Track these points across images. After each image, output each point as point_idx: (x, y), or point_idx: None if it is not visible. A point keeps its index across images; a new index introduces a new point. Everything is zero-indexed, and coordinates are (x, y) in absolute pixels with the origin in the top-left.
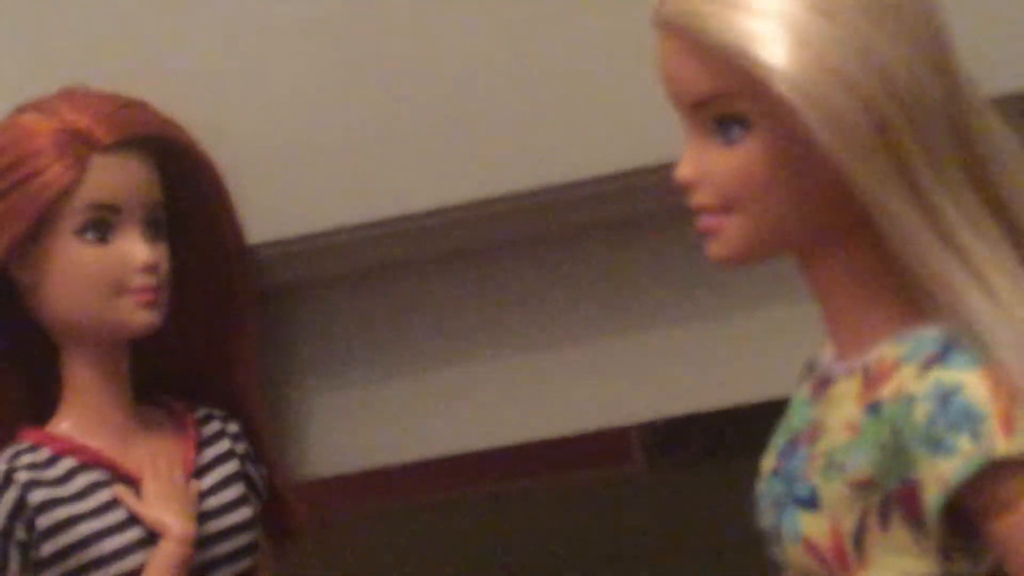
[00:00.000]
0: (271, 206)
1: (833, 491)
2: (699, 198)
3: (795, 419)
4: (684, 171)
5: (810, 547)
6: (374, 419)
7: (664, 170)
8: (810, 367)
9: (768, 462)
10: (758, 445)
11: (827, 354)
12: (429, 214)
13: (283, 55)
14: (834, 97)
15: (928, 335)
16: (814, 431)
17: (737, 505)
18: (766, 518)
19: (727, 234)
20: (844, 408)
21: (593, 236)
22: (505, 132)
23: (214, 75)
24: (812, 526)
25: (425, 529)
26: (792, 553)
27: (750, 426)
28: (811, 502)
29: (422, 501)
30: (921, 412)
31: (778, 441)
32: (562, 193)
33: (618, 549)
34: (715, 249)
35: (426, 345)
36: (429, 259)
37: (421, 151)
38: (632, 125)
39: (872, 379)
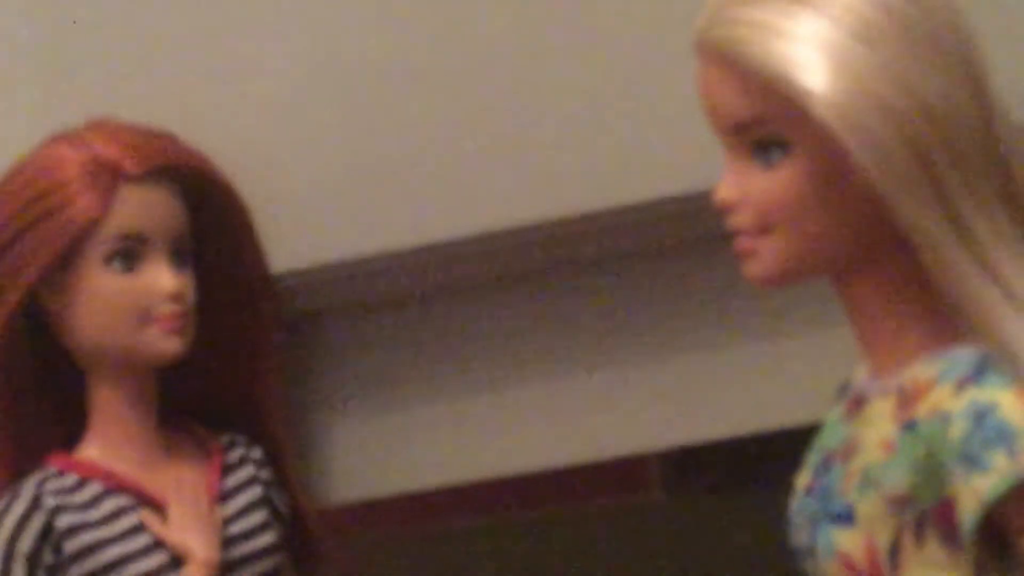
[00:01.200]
0: (295, 235)
1: (869, 507)
2: (738, 220)
3: (829, 437)
4: (724, 193)
5: (845, 563)
6: (395, 446)
7: (688, 199)
8: (844, 387)
9: (802, 480)
10: (778, 473)
11: (861, 373)
12: (450, 244)
13: (306, 88)
14: (872, 123)
15: (962, 355)
16: (849, 449)
17: (757, 534)
18: (800, 535)
19: (764, 255)
20: (880, 426)
21: (613, 264)
22: (526, 161)
23: (239, 107)
24: (847, 542)
25: (444, 556)
26: (827, 569)
27: (770, 454)
28: (847, 518)
29: (441, 528)
30: (957, 430)
31: (812, 459)
32: (583, 223)
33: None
34: (752, 270)
35: (447, 373)
36: (450, 288)
37: (442, 181)
38: (658, 153)
39: (907, 398)
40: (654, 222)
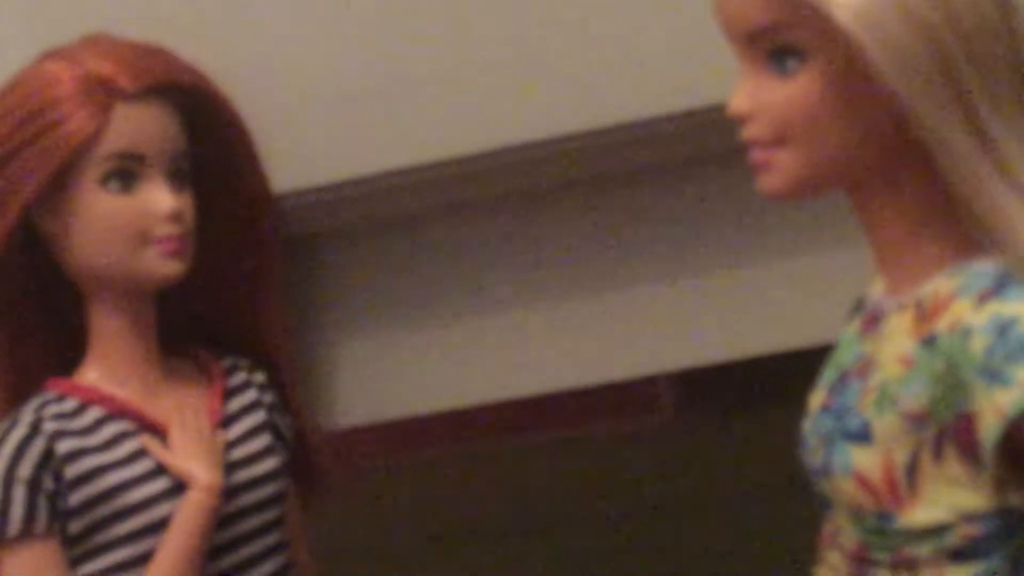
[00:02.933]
0: (295, 155)
1: (886, 424)
2: (753, 130)
3: (844, 355)
4: (738, 103)
5: (862, 480)
6: (400, 369)
7: (698, 114)
8: (858, 304)
9: (817, 398)
10: (788, 395)
11: (877, 290)
12: (453, 162)
13: (304, 5)
14: (896, 28)
15: (982, 269)
16: (866, 365)
17: (767, 455)
18: (814, 454)
19: (780, 167)
20: (897, 342)
21: (621, 183)
22: (531, 77)
23: (237, 24)
24: (864, 459)
25: (453, 480)
26: (843, 487)
27: (780, 376)
28: (863, 435)
29: (449, 452)
30: (979, 344)
31: (827, 376)
32: (590, 139)
33: (648, 499)
34: (767, 182)
35: (452, 294)
36: (454, 207)
37: (444, 99)
38: (664, 69)
39: (926, 313)
40: (662, 139)
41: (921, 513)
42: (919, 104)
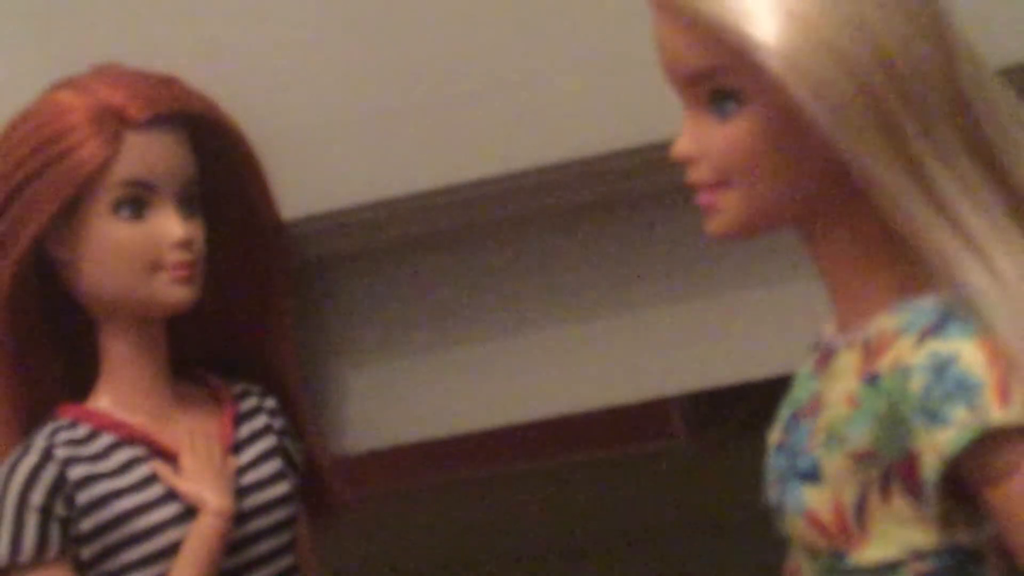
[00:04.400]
0: (305, 181)
1: (834, 463)
2: (696, 174)
3: (799, 392)
4: (681, 146)
5: (812, 520)
6: (411, 394)
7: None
8: (816, 341)
9: (773, 436)
10: None
11: (830, 328)
12: (463, 187)
13: (315, 31)
14: (825, 72)
15: (925, 305)
16: (816, 404)
17: None
18: (771, 491)
19: (724, 209)
20: (844, 381)
21: (632, 206)
22: (543, 102)
23: (247, 52)
24: (814, 499)
25: (462, 505)
26: (795, 526)
27: None
28: (813, 475)
29: (460, 477)
30: (917, 383)
31: (782, 414)
32: (597, 165)
33: (660, 522)
34: (712, 225)
35: (462, 319)
36: (463, 232)
37: (454, 125)
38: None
39: (871, 351)
40: (671, 163)
41: (871, 551)
42: (852, 146)
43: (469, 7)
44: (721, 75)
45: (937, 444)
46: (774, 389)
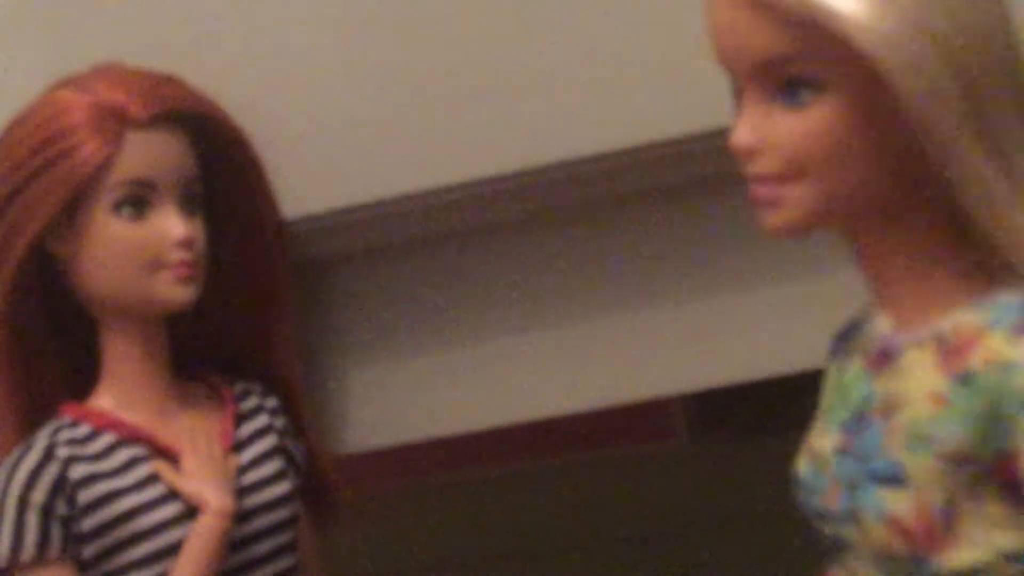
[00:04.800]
0: (306, 181)
1: (921, 465)
2: (761, 166)
3: (854, 393)
4: (744, 138)
5: (895, 525)
6: (412, 393)
7: (714, 136)
8: (844, 338)
9: (827, 439)
10: (803, 419)
11: (881, 325)
12: (464, 186)
13: (315, 30)
14: (921, 51)
15: (1009, 301)
16: (889, 404)
17: (782, 479)
18: (828, 498)
19: (791, 203)
20: (922, 379)
21: (631, 206)
22: (545, 100)
23: (247, 51)
24: (897, 503)
25: (465, 504)
26: (873, 533)
27: (794, 400)
28: (895, 479)
29: (461, 476)
30: (1022, 379)
31: (837, 417)
32: (597, 164)
33: (661, 523)
34: (774, 219)
35: (463, 318)
36: (464, 231)
37: (454, 124)
38: (679, 90)
39: (951, 347)
40: (677, 161)
41: (959, 555)
42: (945, 131)
43: (467, 8)
44: (801, 61)
45: None
46: (776, 389)
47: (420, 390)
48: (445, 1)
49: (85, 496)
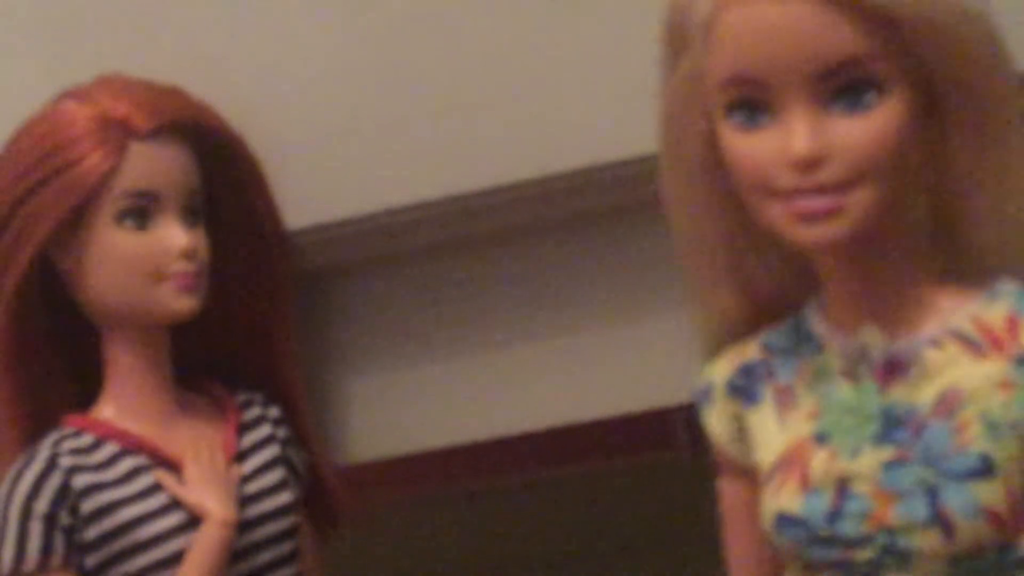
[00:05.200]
0: (307, 192)
1: (1008, 452)
2: (826, 175)
3: (868, 408)
4: (808, 146)
5: (991, 517)
6: (413, 404)
7: None
8: (771, 370)
9: (855, 462)
10: None
11: (868, 337)
12: (464, 197)
13: (316, 42)
14: (983, 41)
15: (1010, 289)
16: (946, 403)
17: None
18: (884, 514)
19: (852, 211)
20: (970, 371)
21: (631, 218)
22: (534, 115)
23: (249, 63)
24: (990, 495)
25: (467, 514)
26: (966, 531)
27: None
28: (985, 470)
29: (463, 487)
30: None
31: (856, 436)
32: (597, 175)
33: (663, 534)
34: (835, 230)
35: (465, 328)
36: (466, 242)
37: (454, 136)
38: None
39: (984, 338)
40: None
41: None
42: (1003, 123)
43: (469, 21)
44: (870, 62)
45: None
46: None
47: (421, 400)
48: (445, 16)
49: (88, 505)
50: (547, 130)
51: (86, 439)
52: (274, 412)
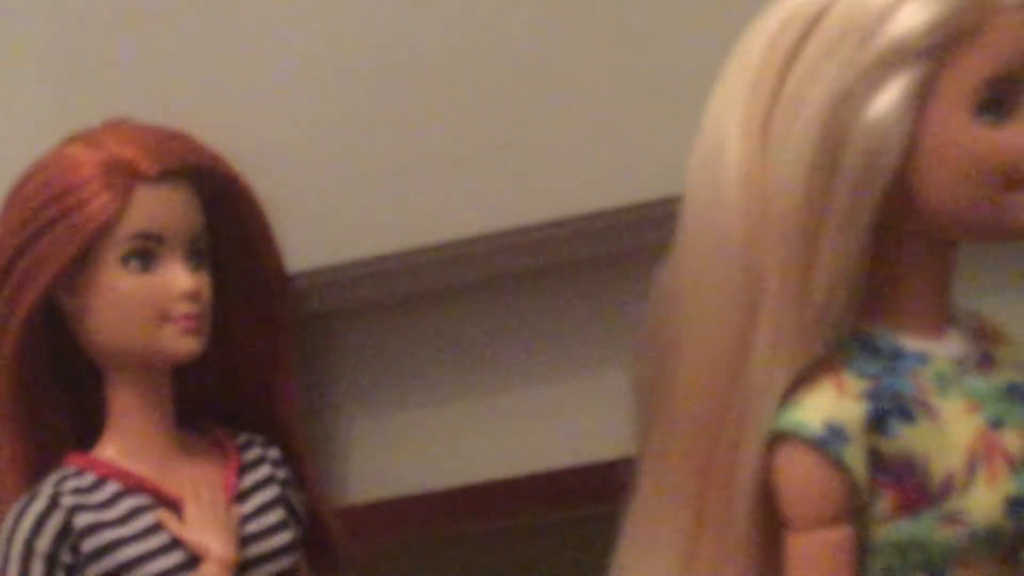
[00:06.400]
0: (310, 235)
1: None
2: None
3: (1000, 389)
4: None
5: None
6: (413, 446)
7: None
8: (897, 393)
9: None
10: None
11: (952, 346)
12: (466, 242)
13: (320, 87)
14: None
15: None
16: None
17: None
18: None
19: None
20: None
21: (632, 264)
22: (538, 161)
23: (254, 107)
24: None
25: (467, 557)
26: None
27: None
28: None
29: (461, 530)
30: None
31: (1018, 408)
32: (596, 221)
33: None
34: None
35: (465, 371)
36: (468, 286)
37: (454, 181)
38: (664, 153)
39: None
40: (661, 222)
41: None
42: None
43: (469, 68)
44: None
45: None
46: None
47: (421, 442)
48: (446, 63)
49: (89, 544)
50: (542, 177)
51: (88, 478)
52: (274, 453)
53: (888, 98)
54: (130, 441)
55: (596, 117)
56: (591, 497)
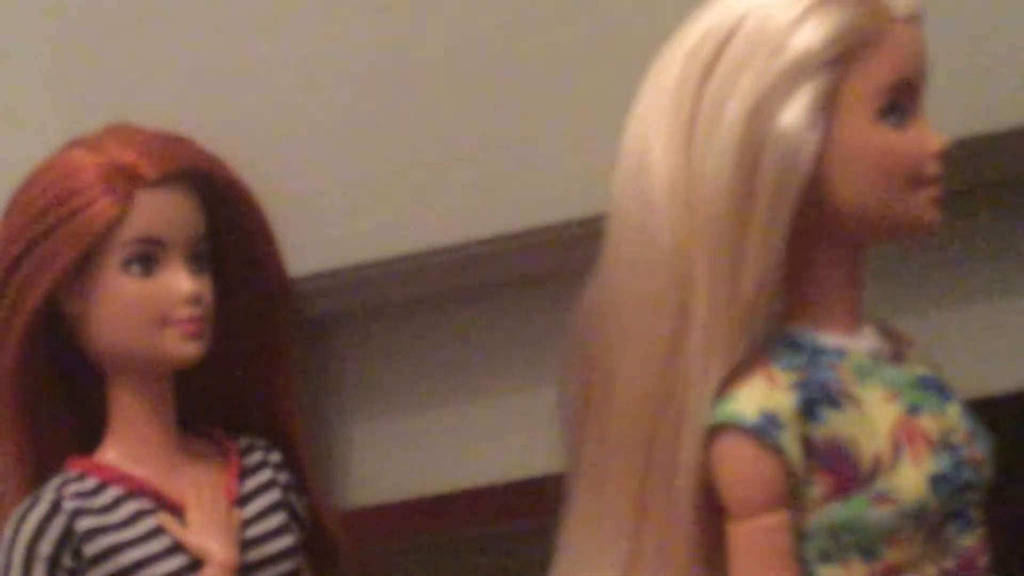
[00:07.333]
0: (311, 239)
1: None
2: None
3: (912, 379)
4: (947, 140)
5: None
6: (414, 449)
7: None
8: (826, 386)
9: (949, 414)
10: None
11: (870, 335)
12: (468, 246)
13: (321, 90)
14: None
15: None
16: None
17: None
18: (975, 450)
19: None
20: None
21: None
22: (537, 163)
23: (255, 111)
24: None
25: (469, 561)
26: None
27: None
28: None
29: (463, 533)
30: None
31: (930, 395)
32: (596, 225)
33: None
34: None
35: (467, 375)
36: (470, 290)
37: (456, 185)
38: None
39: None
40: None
41: None
42: None
43: (471, 72)
44: None
45: None
46: None
47: (423, 446)
48: (448, 67)
49: (91, 548)
50: (543, 181)
51: (90, 482)
52: (275, 457)
53: (797, 107)
54: (132, 445)
55: (599, 122)
56: None
